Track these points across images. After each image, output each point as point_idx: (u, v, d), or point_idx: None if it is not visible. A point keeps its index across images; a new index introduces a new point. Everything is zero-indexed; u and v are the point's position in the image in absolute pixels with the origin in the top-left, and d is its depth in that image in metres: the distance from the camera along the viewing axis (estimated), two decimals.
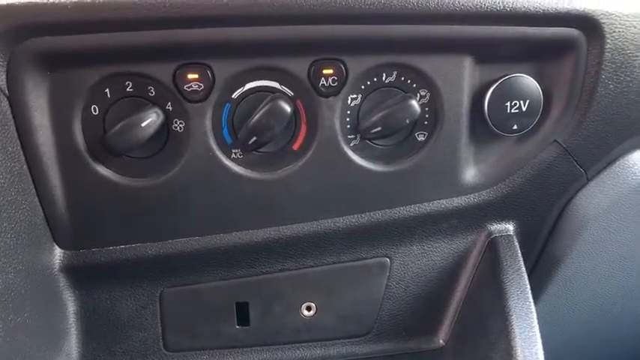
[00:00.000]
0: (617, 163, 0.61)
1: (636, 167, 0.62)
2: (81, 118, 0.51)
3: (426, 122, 0.55)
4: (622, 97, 0.56)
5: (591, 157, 0.60)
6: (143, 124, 0.50)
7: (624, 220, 0.64)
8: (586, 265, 0.65)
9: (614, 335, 0.76)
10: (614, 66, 0.55)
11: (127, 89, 0.50)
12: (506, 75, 0.55)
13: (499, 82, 0.55)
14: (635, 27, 0.54)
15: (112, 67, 0.50)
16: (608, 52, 0.54)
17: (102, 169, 0.52)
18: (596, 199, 0.62)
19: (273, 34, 0.49)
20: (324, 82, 0.52)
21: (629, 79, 0.56)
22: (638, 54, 0.55)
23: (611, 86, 0.55)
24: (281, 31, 0.49)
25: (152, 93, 0.51)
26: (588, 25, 0.53)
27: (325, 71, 0.52)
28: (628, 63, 0.55)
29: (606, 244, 0.64)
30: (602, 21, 0.53)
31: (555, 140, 0.58)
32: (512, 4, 0.51)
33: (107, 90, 0.50)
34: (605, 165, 0.61)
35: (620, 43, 0.54)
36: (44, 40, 0.47)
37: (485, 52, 0.54)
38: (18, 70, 0.47)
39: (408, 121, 0.53)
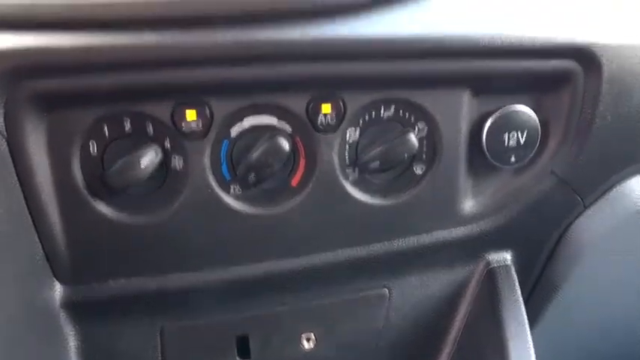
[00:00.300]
0: (615, 189, 0.61)
1: (634, 194, 0.62)
2: (79, 156, 0.50)
3: (424, 155, 0.55)
4: (620, 128, 0.56)
5: (589, 186, 0.60)
6: (142, 162, 0.49)
7: (622, 246, 0.64)
8: (584, 291, 0.65)
9: None
10: (611, 97, 0.55)
11: (125, 127, 0.50)
12: (504, 107, 0.55)
13: (496, 113, 0.55)
14: (632, 58, 0.55)
15: (109, 106, 0.49)
16: (606, 83, 0.54)
17: (101, 207, 0.52)
18: (593, 225, 0.62)
19: (272, 72, 0.49)
20: (323, 119, 0.52)
21: (626, 110, 0.56)
22: (635, 85, 0.55)
23: (609, 117, 0.55)
24: (279, 69, 0.49)
25: (150, 131, 0.51)
26: (585, 57, 0.53)
27: (324, 107, 0.51)
28: (625, 94, 0.55)
29: (604, 270, 0.65)
30: (599, 53, 0.53)
31: (553, 171, 0.58)
32: (509, 37, 0.51)
33: (105, 128, 0.50)
34: (602, 192, 0.61)
35: (617, 75, 0.54)
36: (41, 82, 0.46)
37: (483, 85, 0.54)
38: (15, 111, 0.47)
39: (406, 156, 0.53)
